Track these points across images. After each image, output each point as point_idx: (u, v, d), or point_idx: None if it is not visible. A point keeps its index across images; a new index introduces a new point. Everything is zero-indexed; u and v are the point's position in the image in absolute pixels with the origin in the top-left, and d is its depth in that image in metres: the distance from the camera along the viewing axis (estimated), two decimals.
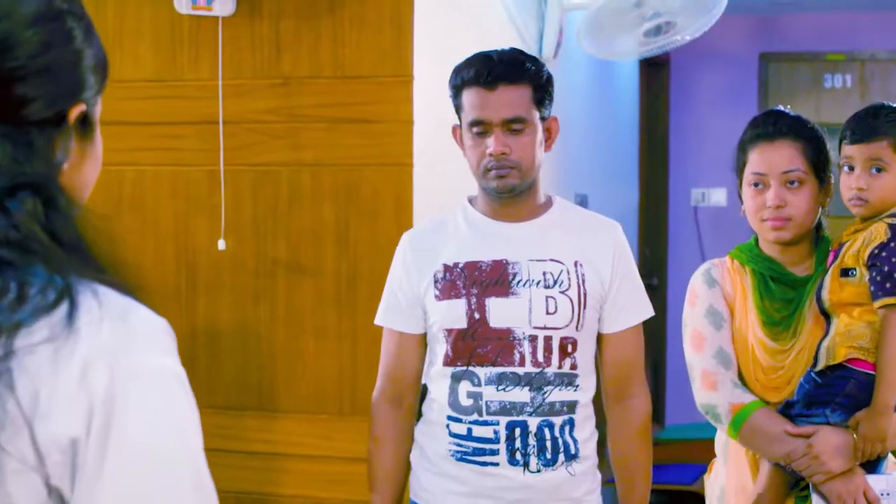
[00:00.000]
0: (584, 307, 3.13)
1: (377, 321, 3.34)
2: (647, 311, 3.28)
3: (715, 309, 3.25)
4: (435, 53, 4.24)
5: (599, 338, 3.24)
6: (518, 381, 3.10)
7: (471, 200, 3.29)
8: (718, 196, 8.87)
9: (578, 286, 3.14)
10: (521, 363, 3.10)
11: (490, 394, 3.11)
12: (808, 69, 9.09)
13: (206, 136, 4.28)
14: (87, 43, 1.54)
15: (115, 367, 1.34)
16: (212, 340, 4.31)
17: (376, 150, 4.12)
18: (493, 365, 3.11)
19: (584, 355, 3.17)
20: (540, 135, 3.14)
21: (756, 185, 3.20)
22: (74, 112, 1.50)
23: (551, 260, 3.15)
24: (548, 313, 3.10)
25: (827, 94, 9.07)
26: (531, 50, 5.33)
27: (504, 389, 3.10)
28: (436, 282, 3.19)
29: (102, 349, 1.34)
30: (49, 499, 1.31)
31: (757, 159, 3.21)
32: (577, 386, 3.15)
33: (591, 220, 3.32)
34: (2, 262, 1.34)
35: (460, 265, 3.17)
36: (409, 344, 3.28)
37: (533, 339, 3.11)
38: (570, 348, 3.13)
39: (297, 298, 4.23)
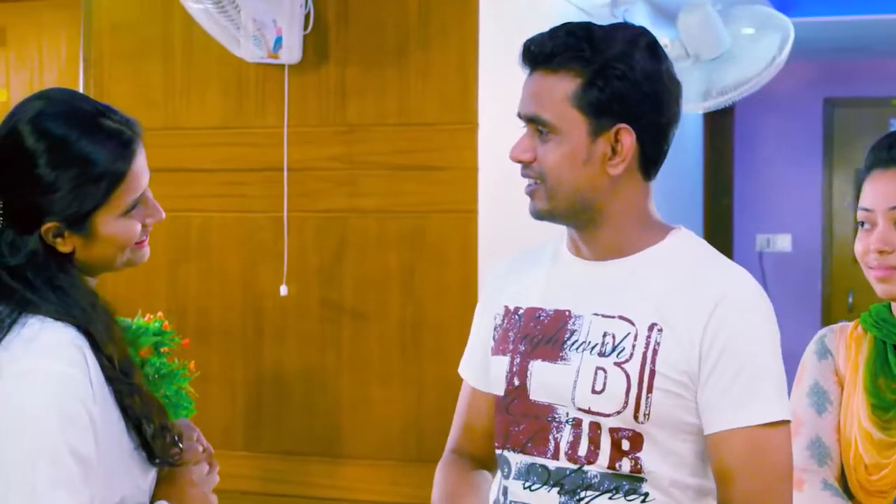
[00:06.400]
0: (650, 390, 2.15)
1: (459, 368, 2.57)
2: (769, 412, 2.14)
3: (820, 387, 2.49)
4: (500, 100, 4.24)
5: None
6: (546, 478, 2.24)
7: None
8: (784, 242, 8.80)
9: (644, 358, 2.16)
10: (555, 455, 2.22)
11: (516, 491, 2.28)
12: (873, 114, 9.04)
13: (271, 182, 4.31)
14: (59, 174, 2.06)
15: (6, 365, 1.98)
16: (277, 386, 4.32)
17: (441, 197, 4.13)
18: (523, 451, 2.27)
19: (662, 458, 2.19)
20: (585, 149, 2.21)
21: (863, 224, 2.50)
22: (44, 228, 2.08)
23: (619, 317, 2.21)
24: (594, 391, 2.18)
25: None
26: None
27: (530, 488, 2.25)
28: (495, 328, 2.40)
29: (5, 357, 1.99)
30: None
31: (866, 192, 2.50)
32: (647, 496, 2.18)
33: (704, 268, 2.25)
34: None
35: (521, 311, 2.34)
36: (480, 403, 2.46)
37: (577, 423, 2.21)
38: (625, 444, 2.18)
39: (362, 344, 4.24)
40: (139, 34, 4.49)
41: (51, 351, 2.01)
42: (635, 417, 2.16)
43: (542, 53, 2.23)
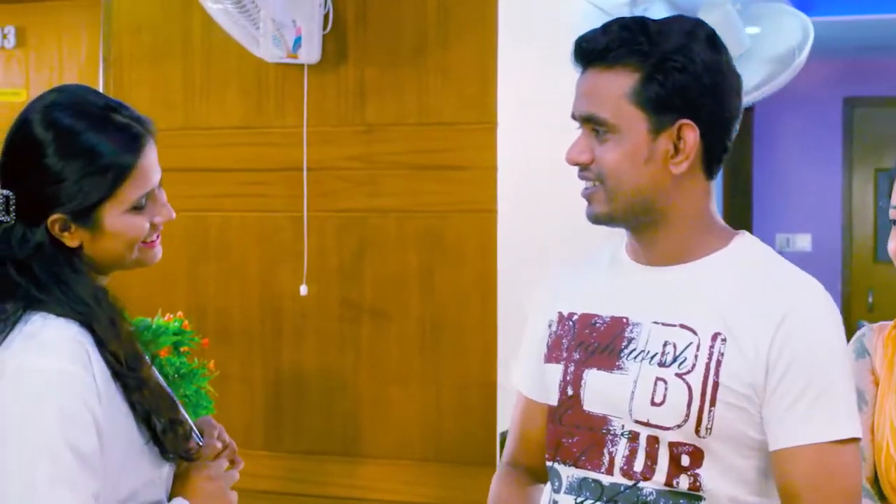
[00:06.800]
0: (713, 402, 2.03)
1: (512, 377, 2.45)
2: (838, 428, 2.02)
3: (857, 387, 2.29)
4: (519, 99, 4.24)
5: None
6: (599, 494, 2.13)
7: None
8: (803, 242, 8.78)
9: (707, 370, 2.05)
10: (609, 470, 2.11)
11: None
12: (893, 113, 9.00)
13: (290, 182, 4.31)
14: (65, 165, 2.05)
15: (6, 363, 1.98)
16: (296, 385, 4.33)
17: (460, 197, 4.13)
18: (576, 465, 2.15)
19: (723, 475, 2.07)
20: (646, 147, 2.08)
21: (894, 222, 2.41)
22: (50, 220, 2.06)
23: (681, 326, 2.09)
24: (653, 403, 2.07)
25: None
26: None
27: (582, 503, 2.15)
28: (548, 335, 2.27)
29: (5, 355, 1.98)
30: None
31: None
32: None
33: (772, 275, 2.14)
34: None
35: (575, 317, 2.23)
36: (535, 414, 2.32)
37: (633, 436, 2.09)
38: (685, 460, 2.06)
39: (381, 344, 4.24)
40: (159, 35, 4.50)
41: (51, 348, 2.00)
42: (696, 431, 2.04)
43: (595, 49, 2.09)
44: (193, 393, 3.55)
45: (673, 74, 2.05)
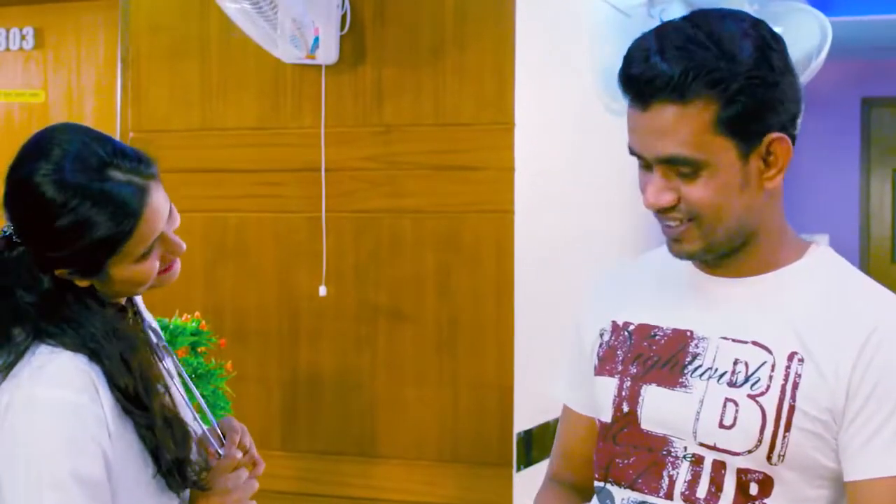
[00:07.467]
0: (787, 428, 1.89)
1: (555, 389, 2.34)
2: None
3: None
4: (536, 100, 4.24)
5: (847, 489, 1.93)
6: None
7: None
8: (821, 242, 8.75)
9: (783, 392, 1.90)
10: (668, 494, 1.97)
11: None
12: None
13: (307, 183, 4.32)
14: (69, 234, 2.04)
15: (14, 393, 2.00)
16: (313, 386, 4.33)
17: (477, 198, 4.12)
18: (632, 487, 2.02)
19: None
20: (739, 174, 1.93)
21: None
22: (58, 272, 2.08)
23: (753, 343, 1.95)
24: (721, 426, 1.92)
25: None
26: None
27: None
28: (600, 345, 2.15)
29: (13, 385, 2.01)
30: None
31: None
32: None
33: (853, 291, 2.02)
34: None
35: (631, 327, 2.09)
36: (580, 429, 2.24)
37: (697, 460, 1.95)
38: (754, 488, 1.92)
39: (397, 345, 4.24)
40: (176, 35, 4.51)
41: (59, 379, 2.02)
42: (768, 458, 1.90)
43: (668, 85, 1.88)
44: (211, 394, 3.56)
45: (755, 91, 1.90)
